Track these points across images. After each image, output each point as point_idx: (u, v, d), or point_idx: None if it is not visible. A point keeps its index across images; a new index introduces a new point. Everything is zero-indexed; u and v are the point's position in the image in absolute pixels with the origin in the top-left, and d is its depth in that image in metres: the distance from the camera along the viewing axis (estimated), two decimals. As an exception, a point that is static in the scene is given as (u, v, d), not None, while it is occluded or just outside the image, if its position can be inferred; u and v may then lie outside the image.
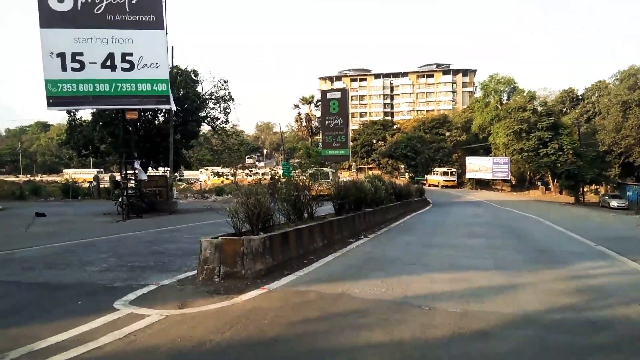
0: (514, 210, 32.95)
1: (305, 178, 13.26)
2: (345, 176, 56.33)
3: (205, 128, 32.39)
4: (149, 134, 28.58)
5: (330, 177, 48.01)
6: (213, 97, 30.21)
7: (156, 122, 30.53)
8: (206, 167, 75.14)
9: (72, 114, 27.85)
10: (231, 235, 8.52)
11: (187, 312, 6.10)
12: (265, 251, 8.15)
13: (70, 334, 5.23)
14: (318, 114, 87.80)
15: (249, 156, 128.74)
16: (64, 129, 34.51)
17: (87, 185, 50.08)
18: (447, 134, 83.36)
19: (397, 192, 22.46)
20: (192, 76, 30.42)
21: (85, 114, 28.06)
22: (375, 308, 6.35)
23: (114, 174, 59.17)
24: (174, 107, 23.89)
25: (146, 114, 28.33)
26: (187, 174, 76.31)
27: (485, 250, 12.21)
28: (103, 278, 8.27)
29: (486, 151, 78.26)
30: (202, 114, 30.47)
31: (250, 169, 60.39)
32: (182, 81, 28.01)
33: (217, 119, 30.57)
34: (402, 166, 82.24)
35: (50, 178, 77.66)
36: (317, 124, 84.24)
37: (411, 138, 70.33)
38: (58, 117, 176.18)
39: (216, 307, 6.32)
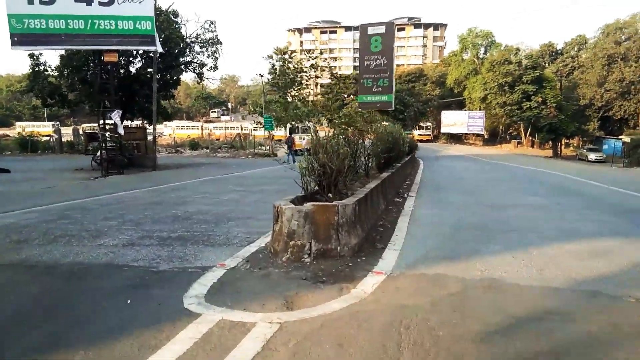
0: (510, 164, 31.88)
1: (354, 129, 11.04)
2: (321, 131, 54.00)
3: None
4: (125, 81, 25.33)
5: (312, 132, 45.95)
6: (199, 40, 26.92)
7: (131, 68, 27.22)
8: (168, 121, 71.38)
9: (35, 57, 24.24)
10: (302, 199, 6.48)
11: (306, 316, 4.10)
12: (356, 220, 6.16)
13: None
14: (292, 65, 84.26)
15: (213, 110, 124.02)
16: (26, 76, 30.56)
17: (46, 138, 45.95)
18: (423, 88, 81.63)
19: (410, 146, 20.59)
20: (172, 17, 26.95)
21: (50, 57, 24.48)
22: (566, 302, 4.53)
23: (78, 127, 54.96)
24: (159, 49, 20.90)
25: (120, 58, 25.00)
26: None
27: (566, 211, 10.57)
28: (135, 257, 6.11)
29: (459, 106, 77.43)
30: (187, 59, 27.21)
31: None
32: (164, 21, 24.62)
33: (204, 64, 27.41)
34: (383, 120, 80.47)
35: (0, 131, 71.67)
36: (291, 77, 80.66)
37: (400, 90, 67.97)
38: (6, 66, 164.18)
39: (341, 306, 4.34)
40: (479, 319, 4.05)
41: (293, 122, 47.21)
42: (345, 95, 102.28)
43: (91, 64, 24.39)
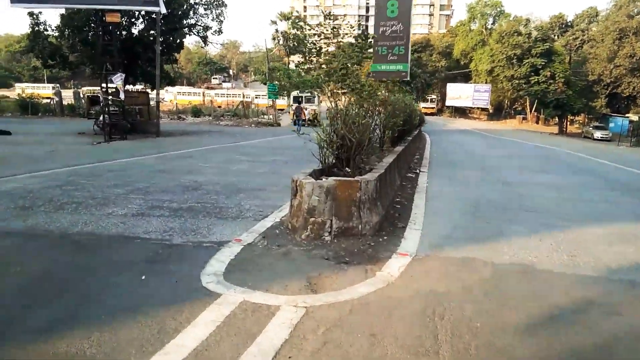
0: (518, 140, 31.50)
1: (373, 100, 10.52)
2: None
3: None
4: (127, 44, 24.64)
5: (316, 101, 45.27)
6: (203, 2, 26.06)
7: (133, 30, 26.48)
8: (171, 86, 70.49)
9: (35, 16, 23.50)
10: (320, 173, 6.20)
11: (332, 301, 3.86)
12: (377, 197, 5.88)
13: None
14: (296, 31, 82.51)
15: (214, 76, 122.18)
16: (25, 36, 29.76)
17: (47, 101, 45.28)
18: (429, 58, 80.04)
19: (420, 119, 20.13)
20: (175, -23, 26.02)
21: (50, 17, 23.71)
22: (606, 293, 4.29)
23: (79, 90, 54.14)
24: (163, 10, 20.21)
25: (122, 19, 24.27)
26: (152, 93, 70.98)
27: (584, 191, 10.30)
28: (147, 229, 5.86)
29: (465, 78, 76.14)
30: (190, 22, 26.43)
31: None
32: (167, -19, 23.79)
33: (209, 27, 26.60)
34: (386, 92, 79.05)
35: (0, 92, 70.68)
36: (295, 43, 79.14)
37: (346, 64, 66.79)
38: (5, 26, 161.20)
39: (368, 290, 4.10)
40: (517, 309, 3.81)
41: (297, 92, 46.52)
42: (349, 65, 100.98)
43: (92, 25, 23.69)
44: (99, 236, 5.54)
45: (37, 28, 23.85)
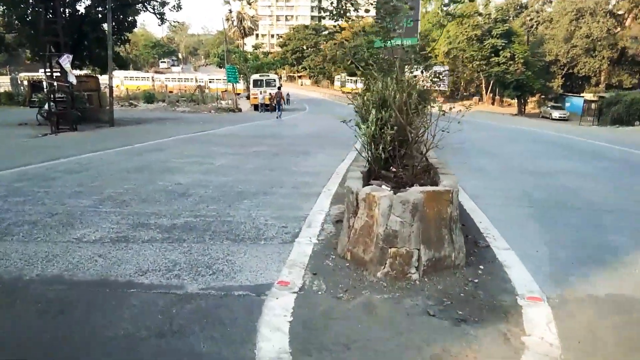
0: (492, 122, 30.90)
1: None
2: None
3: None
4: (72, 22, 21.82)
5: (277, 84, 43.15)
6: (159, -26, 23.45)
7: (78, 6, 23.61)
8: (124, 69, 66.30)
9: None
10: (368, 175, 4.62)
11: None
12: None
13: None
14: (251, 12, 79.38)
15: (162, 60, 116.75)
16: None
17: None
18: (388, 40, 78.93)
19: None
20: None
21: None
22: None
23: (16, 76, 49.40)
24: (115, -19, 17.68)
25: (68, -7, 21.45)
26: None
27: (622, 177, 9.25)
28: (140, 266, 4.10)
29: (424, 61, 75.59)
30: (144, -3, 23.74)
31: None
32: (117, -49, 21.08)
33: (166, 2, 23.99)
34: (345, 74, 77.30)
35: None
36: (250, 24, 76.23)
37: (371, 42, 65.29)
38: None
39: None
40: None
41: (258, 75, 44.27)
42: (305, 47, 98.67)
43: (31, 0, 20.76)
44: (70, 285, 3.74)
45: (-36, 5, 20.70)
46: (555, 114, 49.90)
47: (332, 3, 6.43)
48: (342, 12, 6.39)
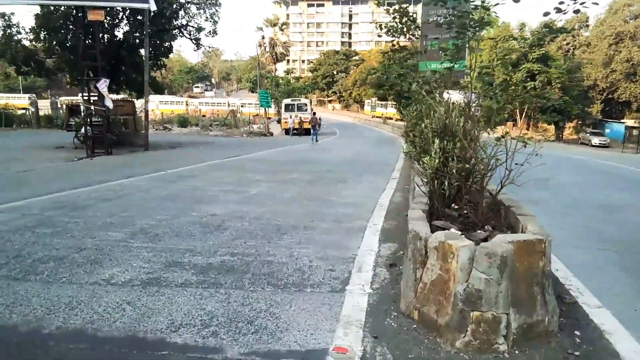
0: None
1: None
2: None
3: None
4: (110, 47, 22.17)
5: (309, 109, 43.03)
6: (196, 1, 23.71)
7: (116, 32, 23.99)
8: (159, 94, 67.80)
9: (6, 17, 20.96)
10: (430, 215, 4.01)
11: None
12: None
13: None
14: (283, 38, 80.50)
15: (196, 85, 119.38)
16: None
17: (22, 112, 42.28)
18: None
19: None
20: (162, -27, 23.60)
21: (24, 18, 21.08)
22: None
23: (56, 100, 50.90)
24: (153, 7, 17.85)
25: (107, 19, 21.83)
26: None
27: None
28: (173, 318, 3.58)
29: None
30: (182, 23, 24.05)
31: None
32: (154, -23, 21.36)
33: (202, 28, 24.22)
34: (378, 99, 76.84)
35: (-33, 102, 66.66)
36: (282, 50, 77.22)
37: (405, 66, 64.84)
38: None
39: None
40: None
41: (290, 99, 44.32)
42: (335, 72, 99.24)
43: (72, 26, 21.21)
44: (93, 342, 3.25)
45: (9, 30, 21.32)
46: (595, 140, 48.23)
47: (394, 18, 5.92)
48: (405, 28, 5.86)
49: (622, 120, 54.05)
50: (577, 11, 4.09)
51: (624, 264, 5.30)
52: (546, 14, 4.15)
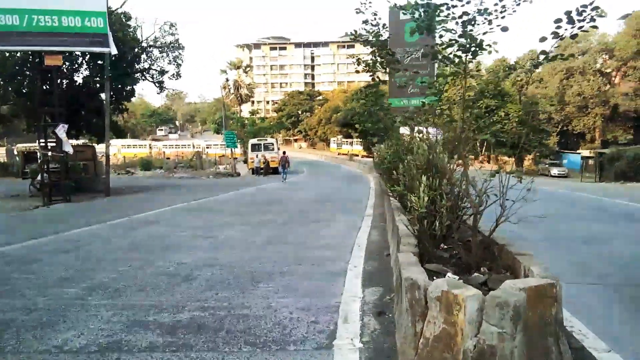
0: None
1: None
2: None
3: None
4: (69, 92, 21.52)
5: (275, 148, 42.86)
6: (158, 44, 23.41)
7: (76, 77, 23.37)
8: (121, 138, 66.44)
9: (-42, 64, 20.09)
10: (421, 258, 3.68)
11: None
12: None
13: None
14: (247, 80, 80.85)
15: (159, 128, 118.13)
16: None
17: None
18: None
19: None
20: (124, 19, 23.32)
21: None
22: None
23: (12, 147, 49.03)
24: (114, 51, 17.43)
25: (66, 64, 21.28)
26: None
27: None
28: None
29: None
30: (144, 66, 23.61)
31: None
32: (116, 22, 21.03)
33: (165, 71, 23.87)
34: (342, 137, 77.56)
35: None
36: (246, 92, 77.48)
37: (366, 103, 65.70)
38: None
39: None
40: None
41: (256, 139, 44.09)
42: (300, 112, 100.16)
43: (28, 72, 20.53)
44: None
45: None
46: (554, 170, 49.97)
47: (373, 52, 5.73)
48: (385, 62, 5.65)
49: (577, 151, 56.18)
50: (574, 36, 3.94)
51: (620, 299, 5.08)
52: (543, 39, 4.00)
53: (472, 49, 4.33)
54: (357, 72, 6.70)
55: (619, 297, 5.16)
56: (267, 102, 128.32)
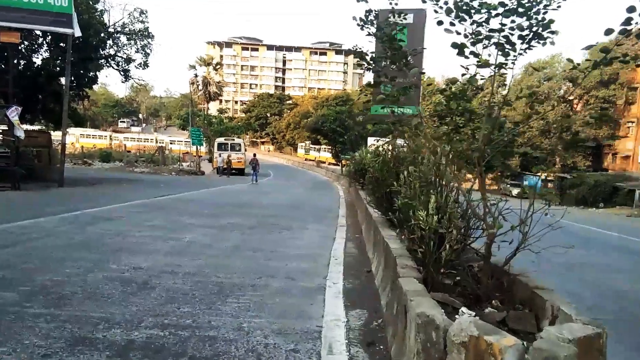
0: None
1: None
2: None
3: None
4: (26, 74, 20.10)
5: (242, 149, 41.85)
6: (126, 31, 22.21)
7: (35, 58, 21.90)
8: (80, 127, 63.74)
9: None
10: (424, 284, 3.15)
11: None
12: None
13: None
14: (217, 78, 79.22)
15: (122, 119, 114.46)
16: None
17: None
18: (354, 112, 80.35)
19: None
20: (90, 2, 22.01)
21: None
22: None
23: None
24: (78, 32, 16.32)
25: (24, 43, 19.90)
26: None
27: None
28: None
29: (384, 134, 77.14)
30: (110, 52, 22.33)
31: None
32: (82, 3, 19.73)
33: (132, 59, 22.64)
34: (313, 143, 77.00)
35: None
36: (215, 89, 75.91)
37: (340, 112, 65.14)
38: None
39: None
40: None
41: (223, 138, 42.97)
42: (269, 115, 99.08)
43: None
44: None
45: None
46: (515, 191, 50.94)
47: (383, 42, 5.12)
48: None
49: (537, 174, 57.72)
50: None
51: (618, 337, 4.70)
52: (609, 31, 3.36)
53: (531, 34, 3.47)
54: (360, 66, 6.13)
55: (616, 334, 4.79)
56: (236, 102, 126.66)
